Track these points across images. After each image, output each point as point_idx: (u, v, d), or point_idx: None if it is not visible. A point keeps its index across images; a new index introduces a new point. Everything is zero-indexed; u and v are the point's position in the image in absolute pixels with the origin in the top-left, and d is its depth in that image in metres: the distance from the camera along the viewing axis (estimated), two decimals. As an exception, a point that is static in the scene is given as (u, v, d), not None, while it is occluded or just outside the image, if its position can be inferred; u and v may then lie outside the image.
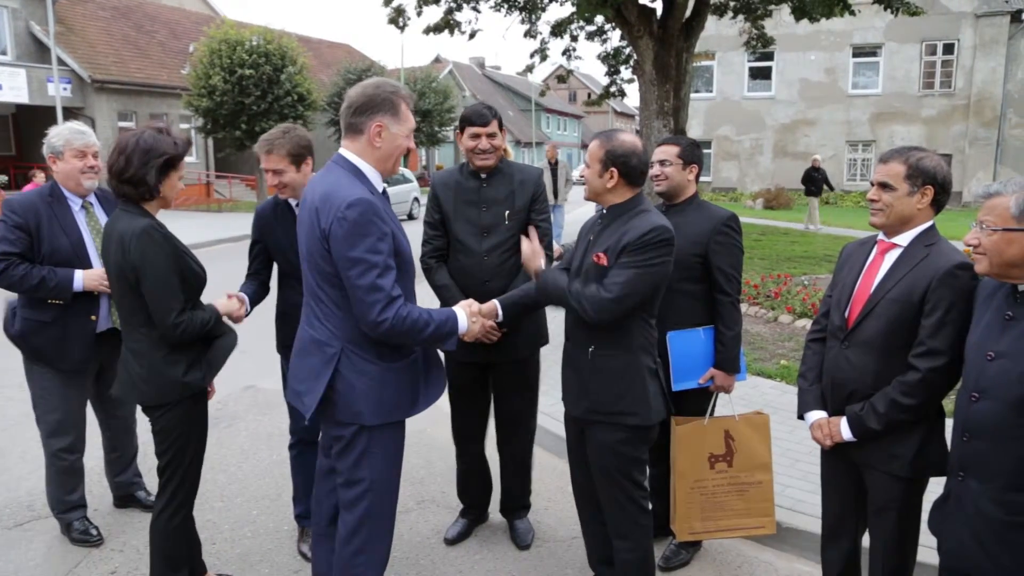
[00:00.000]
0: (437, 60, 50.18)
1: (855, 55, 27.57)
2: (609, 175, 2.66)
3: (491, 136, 3.26)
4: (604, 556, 3.05)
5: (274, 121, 23.19)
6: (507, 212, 3.32)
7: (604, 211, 2.78)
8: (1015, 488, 1.96)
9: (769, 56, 27.38)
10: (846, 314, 2.53)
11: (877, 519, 2.52)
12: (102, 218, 3.46)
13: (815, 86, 27.94)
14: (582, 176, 2.79)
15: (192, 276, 2.78)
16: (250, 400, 5.63)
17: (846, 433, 2.50)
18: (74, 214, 3.38)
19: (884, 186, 2.43)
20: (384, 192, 2.51)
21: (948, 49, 26.36)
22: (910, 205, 2.41)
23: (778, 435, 4.56)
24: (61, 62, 22.27)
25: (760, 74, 28.90)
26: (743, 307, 7.94)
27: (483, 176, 3.35)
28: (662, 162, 3.22)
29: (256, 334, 3.28)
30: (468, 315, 2.62)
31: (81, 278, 3.29)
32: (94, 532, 3.58)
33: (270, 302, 3.47)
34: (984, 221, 2.02)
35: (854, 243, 2.71)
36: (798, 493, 3.84)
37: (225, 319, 2.98)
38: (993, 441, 2.00)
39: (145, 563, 3.39)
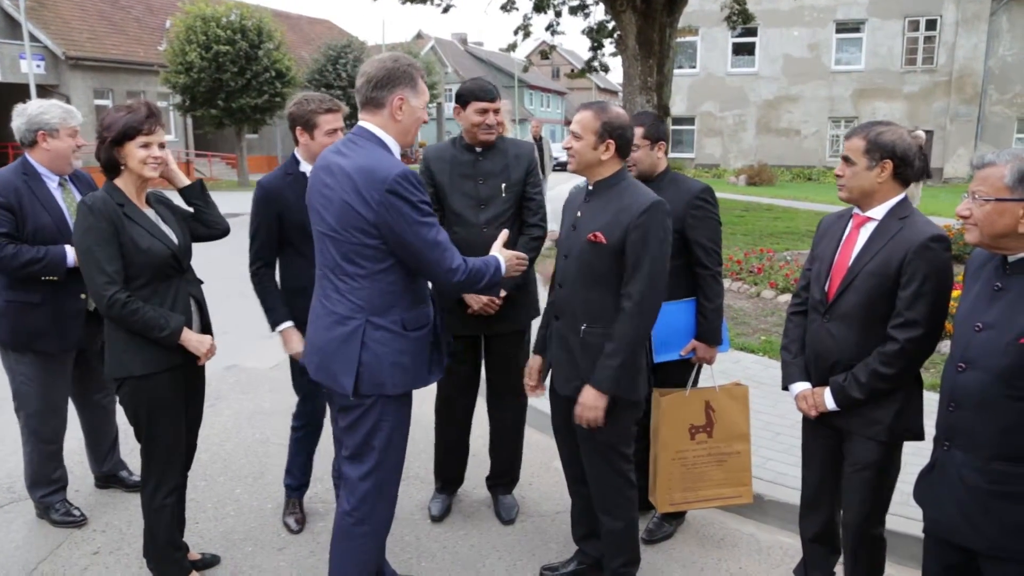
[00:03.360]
0: (419, 36, 49.76)
1: (838, 31, 27.54)
2: (605, 147, 2.63)
3: (497, 112, 3.31)
4: (589, 531, 3.07)
5: (253, 98, 22.96)
6: (504, 185, 3.36)
7: (591, 186, 2.75)
8: (999, 457, 1.97)
9: (752, 32, 27.30)
10: (826, 288, 2.58)
11: (853, 476, 2.58)
12: (77, 196, 3.40)
13: (798, 62, 27.91)
14: (566, 148, 2.73)
15: (138, 252, 2.69)
16: (233, 380, 5.59)
17: (830, 403, 2.55)
18: (51, 191, 3.31)
19: (847, 160, 2.51)
20: None
21: (931, 25, 26.38)
22: (869, 179, 2.46)
23: (760, 408, 4.60)
24: (33, 38, 21.82)
25: (743, 50, 28.83)
26: (726, 282, 8.00)
27: (478, 150, 3.36)
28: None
29: (237, 314, 3.24)
30: (506, 257, 2.68)
31: (72, 253, 3.18)
32: (76, 513, 3.55)
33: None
34: (977, 191, 2.01)
35: (831, 216, 2.75)
36: (780, 466, 3.87)
37: (188, 342, 2.81)
38: (978, 411, 2.01)
39: (128, 543, 3.38)
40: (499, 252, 2.67)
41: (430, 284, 2.65)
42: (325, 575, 3.11)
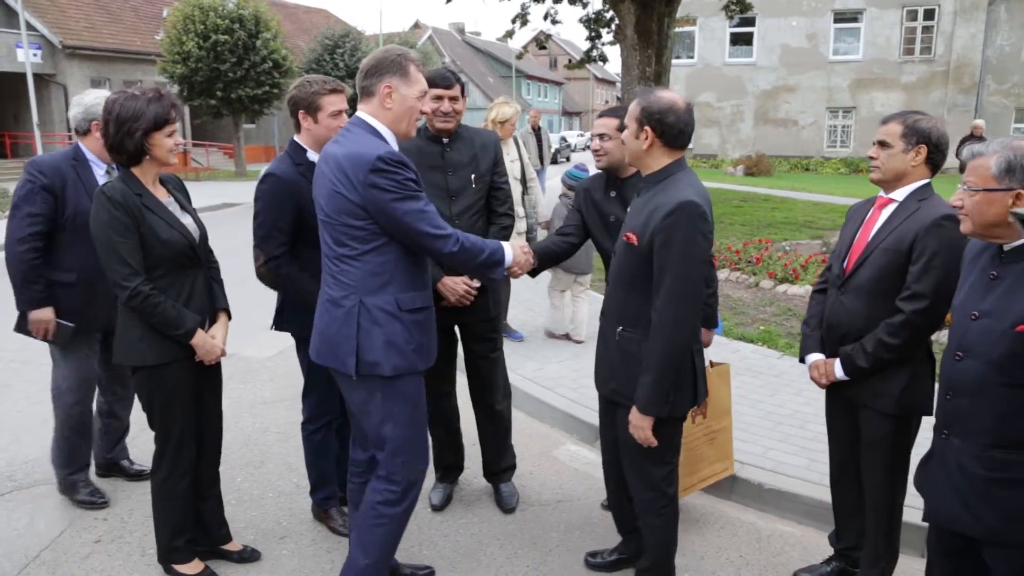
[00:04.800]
0: (416, 26, 49.52)
1: (836, 21, 27.47)
2: (644, 135, 2.48)
3: (453, 99, 3.28)
4: (631, 527, 3.06)
5: (251, 88, 22.85)
6: (472, 176, 3.36)
7: (643, 180, 2.64)
8: (995, 445, 1.99)
9: (751, 22, 27.21)
10: (844, 264, 2.73)
11: (867, 454, 2.72)
12: None
13: (796, 52, 27.84)
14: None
15: (157, 243, 2.70)
16: (231, 368, 5.58)
17: (839, 372, 2.69)
18: (98, 178, 3.38)
19: (882, 144, 2.62)
20: None
21: (929, 15, 26.31)
22: (904, 162, 2.59)
23: (759, 398, 4.62)
24: (30, 27, 21.71)
25: (741, 40, 28.74)
26: (725, 272, 8.01)
27: (444, 141, 3.35)
28: (601, 136, 3.07)
29: (236, 303, 3.23)
30: (514, 248, 2.74)
31: None
32: (99, 497, 3.61)
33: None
34: (967, 182, 2.06)
35: (860, 202, 2.88)
36: (780, 455, 3.89)
37: (198, 345, 2.82)
38: (975, 399, 2.03)
39: (129, 531, 3.39)
40: (508, 244, 2.73)
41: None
42: (326, 564, 3.15)
